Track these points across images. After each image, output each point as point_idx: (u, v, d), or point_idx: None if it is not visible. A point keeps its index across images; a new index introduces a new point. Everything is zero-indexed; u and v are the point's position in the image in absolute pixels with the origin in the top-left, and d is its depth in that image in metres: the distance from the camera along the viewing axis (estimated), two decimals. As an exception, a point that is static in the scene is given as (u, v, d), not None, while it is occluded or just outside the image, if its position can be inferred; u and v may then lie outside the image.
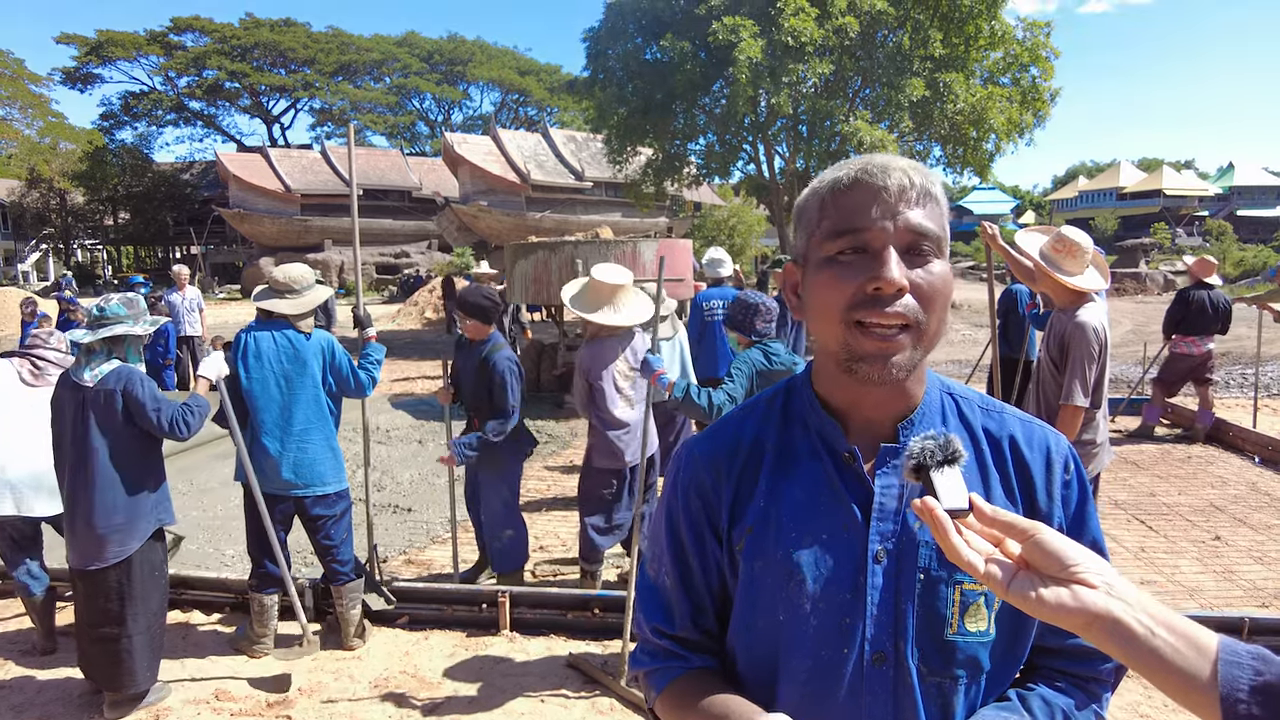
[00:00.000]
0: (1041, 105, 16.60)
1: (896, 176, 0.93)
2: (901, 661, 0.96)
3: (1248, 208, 54.99)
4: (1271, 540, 5.07)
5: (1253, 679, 0.64)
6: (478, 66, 53.32)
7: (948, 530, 0.76)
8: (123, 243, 47.98)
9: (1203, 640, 0.68)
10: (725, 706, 0.99)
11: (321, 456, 3.86)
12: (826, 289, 0.95)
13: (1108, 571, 0.73)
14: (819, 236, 0.97)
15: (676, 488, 1.11)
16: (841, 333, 0.94)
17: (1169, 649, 0.68)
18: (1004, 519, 0.77)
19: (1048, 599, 0.72)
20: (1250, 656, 0.65)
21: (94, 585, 3.36)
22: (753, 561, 1.02)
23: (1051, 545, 0.74)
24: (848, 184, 0.95)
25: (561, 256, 8.91)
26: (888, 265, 0.90)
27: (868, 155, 0.98)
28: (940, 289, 0.94)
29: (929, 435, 0.83)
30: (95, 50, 45.51)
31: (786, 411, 1.09)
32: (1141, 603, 0.71)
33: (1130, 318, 19.67)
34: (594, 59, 17.63)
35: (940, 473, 0.80)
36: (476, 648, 3.92)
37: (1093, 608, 0.70)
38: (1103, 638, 0.70)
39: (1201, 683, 0.66)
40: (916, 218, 0.92)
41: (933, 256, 0.94)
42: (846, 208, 0.94)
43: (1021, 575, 0.74)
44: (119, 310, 3.41)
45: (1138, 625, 0.69)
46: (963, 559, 0.76)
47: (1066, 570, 0.73)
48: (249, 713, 3.41)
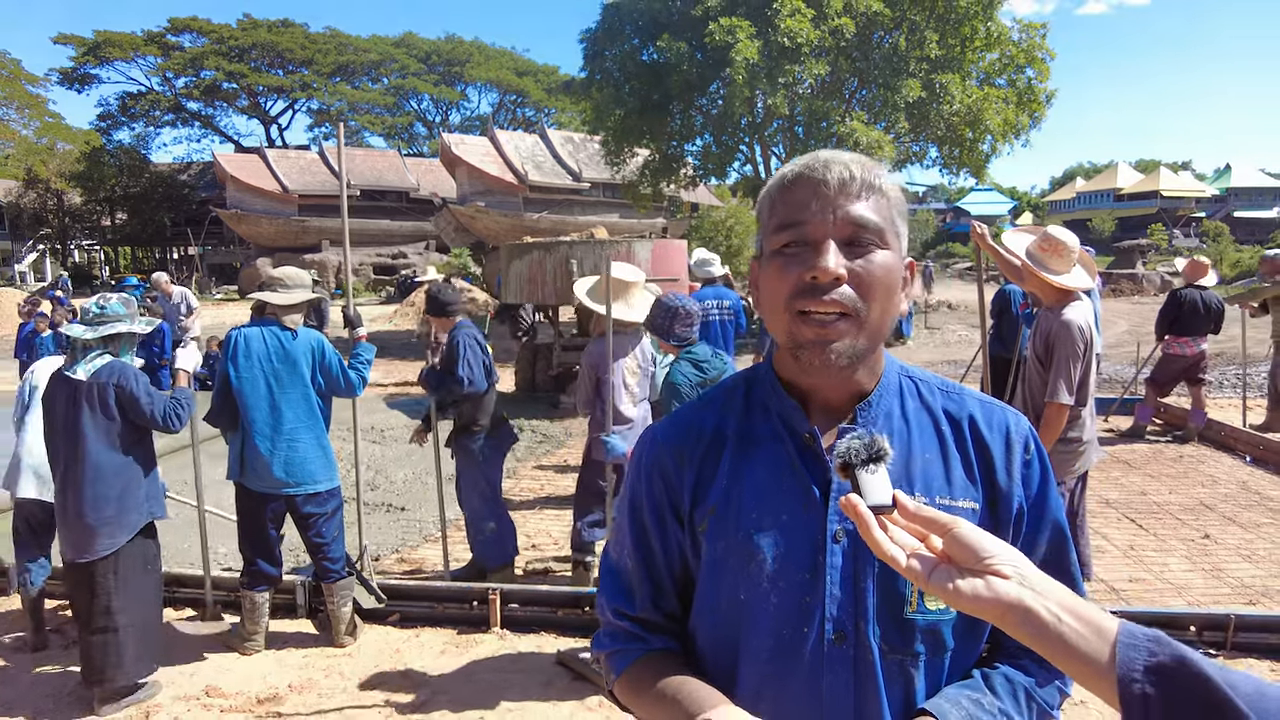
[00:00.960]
0: (1037, 106, 16.65)
1: (837, 171, 0.96)
2: (862, 640, 0.97)
3: (1244, 209, 55.11)
4: (1260, 538, 5.09)
5: (1147, 659, 0.66)
6: (475, 67, 53.33)
7: (870, 526, 0.79)
8: (120, 243, 47.96)
9: (1105, 625, 0.70)
10: (679, 689, 1.01)
11: (312, 455, 3.87)
12: (773, 280, 0.99)
13: (1021, 562, 0.76)
14: (769, 231, 1.01)
15: (640, 472, 1.13)
16: (786, 322, 0.98)
17: (1074, 634, 0.70)
18: (925, 514, 0.80)
19: (964, 590, 0.75)
20: (1146, 639, 0.68)
21: (85, 577, 3.39)
22: (715, 542, 1.04)
23: (968, 538, 0.77)
24: (792, 180, 0.99)
25: (556, 257, 8.93)
26: (824, 256, 0.94)
27: (817, 151, 1.02)
28: (880, 279, 0.96)
29: (856, 435, 0.85)
30: (92, 51, 45.47)
31: (748, 398, 1.11)
32: (1051, 591, 0.74)
33: (1126, 318, 19.71)
34: (591, 60, 17.68)
35: (865, 471, 0.83)
36: (467, 645, 3.93)
37: (1005, 597, 0.73)
38: (1014, 625, 0.73)
39: (1102, 665, 0.68)
40: (857, 210, 0.96)
41: (874, 248, 0.97)
42: (791, 203, 0.98)
43: (941, 568, 0.77)
44: (119, 309, 3.51)
45: (1046, 613, 0.72)
46: (885, 553, 0.78)
47: (982, 562, 0.76)
48: (239, 709, 3.42)
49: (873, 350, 1.01)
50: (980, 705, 0.98)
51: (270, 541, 3.91)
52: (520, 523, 5.71)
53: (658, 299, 3.74)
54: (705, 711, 0.92)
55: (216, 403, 3.85)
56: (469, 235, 29.72)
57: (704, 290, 6.82)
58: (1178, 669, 0.65)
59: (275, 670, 3.74)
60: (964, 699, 0.98)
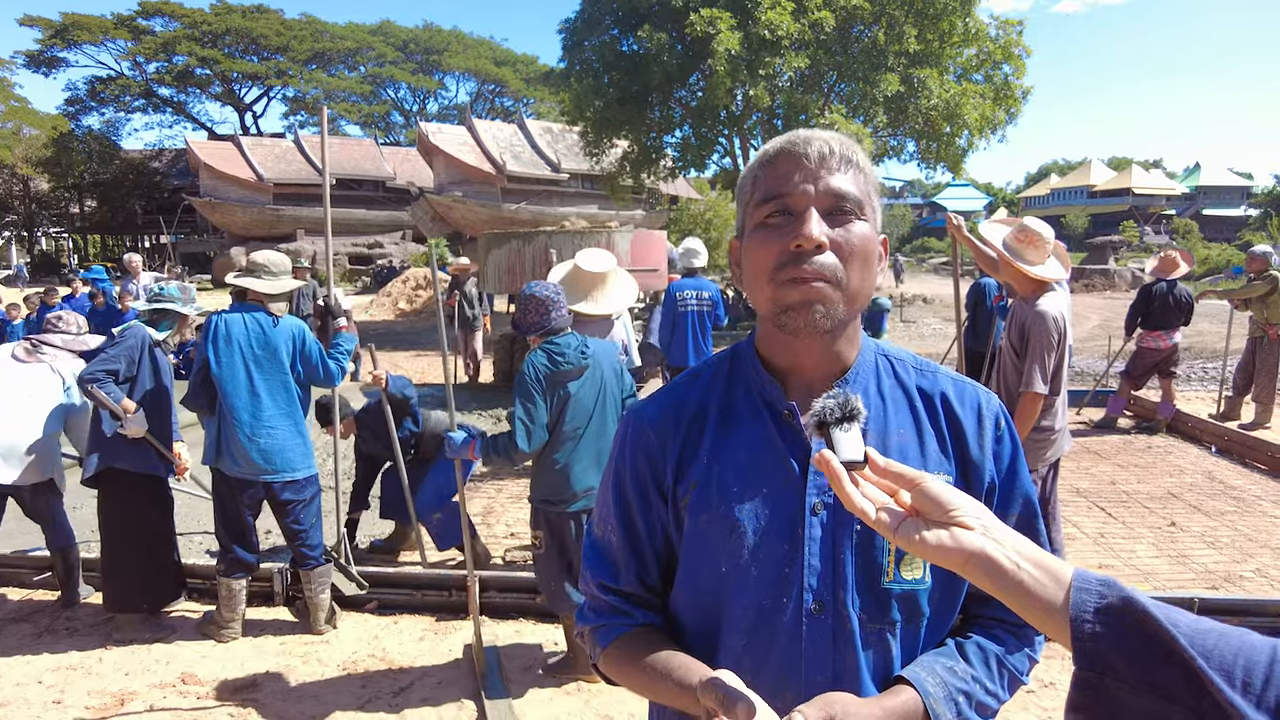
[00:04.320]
0: (1013, 102, 16.85)
1: (817, 145, 1.00)
2: (841, 609, 1.00)
3: (1213, 207, 56.11)
4: (1224, 526, 5.22)
5: (1098, 601, 0.70)
6: (453, 56, 52.88)
7: (842, 480, 0.81)
8: (89, 231, 47.09)
9: (1061, 572, 0.74)
10: (669, 662, 1.03)
11: (290, 442, 3.85)
12: (758, 250, 1.02)
13: (985, 515, 0.79)
14: (752, 205, 1.05)
15: (624, 449, 1.16)
16: (772, 290, 1.01)
17: (1032, 580, 0.74)
18: (895, 470, 0.83)
19: (929, 540, 0.78)
20: (1098, 583, 0.71)
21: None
22: (697, 516, 1.07)
23: (934, 492, 0.80)
24: (774, 154, 1.03)
25: (535, 246, 8.91)
26: (807, 224, 0.97)
27: (797, 129, 1.06)
28: (859, 246, 1.00)
29: (830, 394, 0.88)
30: (60, 33, 44.46)
31: (731, 375, 1.14)
32: (1012, 542, 0.77)
33: (1099, 313, 20.01)
34: (570, 50, 17.61)
35: (839, 428, 0.85)
36: (446, 631, 3.94)
37: (968, 546, 0.77)
38: (977, 574, 0.77)
39: (1056, 608, 0.72)
40: (837, 182, 1.00)
41: (854, 218, 1.00)
42: (774, 176, 1.02)
43: (909, 520, 0.80)
44: (174, 293, 4.18)
45: (1007, 561, 0.75)
46: (855, 506, 0.81)
47: (947, 514, 0.79)
48: (215, 697, 3.40)
49: (851, 319, 1.04)
50: (954, 672, 1.01)
51: (247, 528, 3.88)
52: (499, 512, 5.72)
53: (521, 293, 3.40)
54: (698, 680, 0.95)
55: (195, 386, 3.82)
56: (445, 225, 29.51)
57: (683, 281, 6.83)
58: (1125, 608, 0.68)
59: (252, 657, 3.72)
60: (938, 666, 1.01)
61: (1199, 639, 0.65)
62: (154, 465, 3.95)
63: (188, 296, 4.20)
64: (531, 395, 3.16)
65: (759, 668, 1.01)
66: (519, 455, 3.18)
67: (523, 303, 3.33)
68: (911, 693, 0.97)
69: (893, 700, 0.96)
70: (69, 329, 4.39)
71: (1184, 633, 0.65)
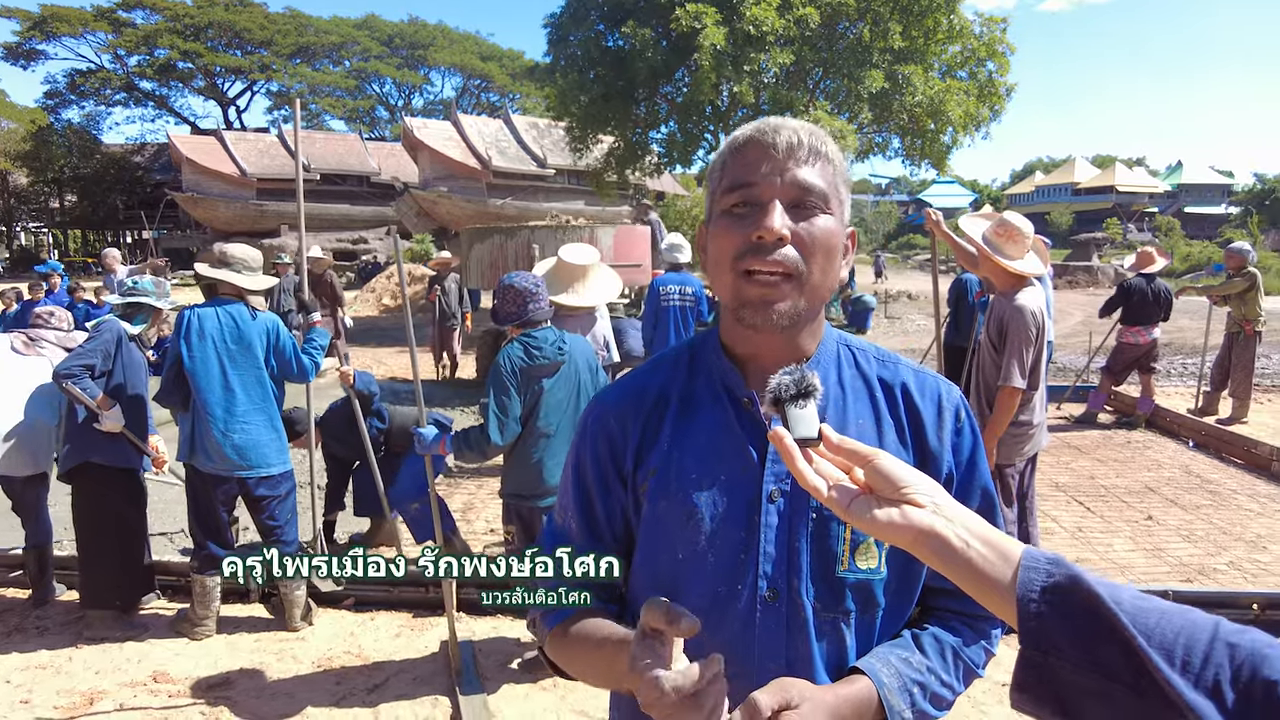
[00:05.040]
0: (997, 100, 16.89)
1: (786, 135, 0.99)
2: (795, 597, 1.00)
3: (1194, 205, 56.62)
4: (1199, 519, 5.26)
5: (1045, 580, 0.69)
6: (439, 51, 52.55)
7: (795, 457, 0.80)
8: (70, 226, 46.52)
9: (1010, 550, 0.73)
10: (612, 627, 1.02)
11: (265, 438, 3.82)
12: (721, 238, 1.01)
13: (937, 493, 0.79)
14: (719, 192, 1.04)
15: (585, 435, 1.15)
16: (732, 281, 1.00)
17: (980, 559, 0.73)
18: (849, 447, 0.82)
19: (880, 518, 0.77)
20: (1046, 561, 0.71)
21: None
22: (656, 502, 1.06)
23: (886, 469, 0.79)
24: (742, 143, 1.02)
25: (518, 241, 8.88)
26: (770, 216, 0.96)
27: (767, 117, 1.04)
28: (821, 241, 0.99)
29: (786, 370, 0.86)
30: (39, 25, 43.79)
31: (693, 363, 1.14)
32: (962, 519, 0.77)
33: (1082, 309, 20.14)
34: (555, 45, 17.53)
35: (795, 405, 0.84)
36: (423, 627, 3.91)
37: (918, 524, 0.76)
38: (926, 552, 0.76)
39: (1004, 587, 0.71)
40: (803, 174, 0.99)
41: (819, 211, 1.00)
42: (741, 165, 1.01)
43: (861, 498, 0.79)
44: (148, 286, 4.13)
45: (956, 539, 0.75)
46: (808, 483, 0.80)
47: (899, 491, 0.78)
48: (187, 695, 3.36)
49: (813, 313, 1.04)
50: (909, 663, 1.01)
51: (222, 524, 3.85)
52: (479, 508, 5.70)
53: (500, 283, 3.37)
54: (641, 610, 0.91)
55: (168, 382, 3.77)
56: (431, 221, 29.33)
57: (666, 275, 6.82)
58: (1071, 587, 0.68)
59: (226, 655, 3.68)
60: (893, 657, 1.01)
61: (1141, 618, 0.65)
62: (129, 459, 3.91)
63: (162, 290, 4.18)
64: (506, 388, 3.14)
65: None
66: (491, 449, 3.15)
67: (501, 292, 3.31)
68: (866, 682, 0.96)
69: (848, 689, 0.95)
70: (60, 325, 4.40)
71: (1126, 611, 0.65)
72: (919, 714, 0.98)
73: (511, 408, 3.14)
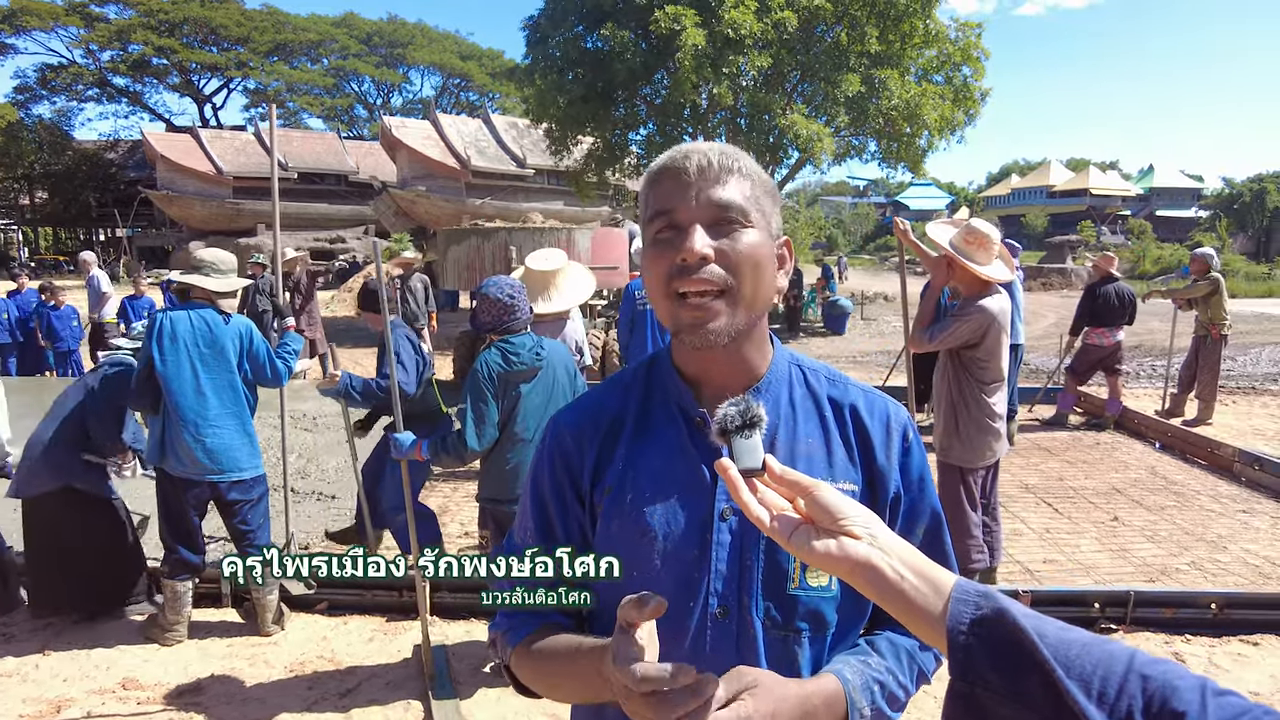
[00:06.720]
0: (972, 104, 17.10)
1: (696, 159, 1.03)
2: (745, 614, 1.02)
3: (1166, 208, 57.42)
4: (1163, 520, 5.37)
5: (973, 613, 0.72)
6: (418, 50, 52.23)
7: (740, 488, 0.82)
8: (40, 223, 45.77)
9: (942, 582, 0.76)
10: (581, 640, 1.03)
11: (237, 442, 3.80)
12: (652, 265, 1.05)
13: (873, 523, 0.81)
14: (645, 221, 1.07)
15: (543, 454, 1.17)
16: (668, 306, 1.04)
17: (913, 590, 0.76)
18: (790, 478, 0.84)
19: (818, 549, 0.79)
20: (975, 594, 0.73)
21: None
22: (610, 521, 1.09)
23: (826, 500, 0.81)
24: (657, 172, 1.06)
25: (495, 243, 8.87)
26: (690, 238, 1.00)
27: (678, 145, 1.08)
28: (746, 255, 1.02)
29: (733, 401, 0.89)
30: (8, 19, 42.87)
31: (649, 382, 1.16)
32: (897, 551, 0.79)
33: (1055, 311, 20.43)
34: (534, 46, 17.51)
35: (740, 436, 0.87)
36: (396, 632, 3.91)
37: (854, 555, 0.78)
38: (862, 583, 0.78)
39: (935, 618, 0.74)
40: (717, 193, 1.02)
41: (739, 226, 1.02)
42: (660, 193, 1.05)
43: (802, 528, 0.81)
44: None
45: (890, 571, 0.77)
46: (752, 514, 0.82)
47: (837, 523, 0.80)
48: (158, 701, 3.35)
49: (751, 326, 1.06)
50: (868, 664, 1.03)
51: (193, 528, 3.83)
52: (454, 511, 5.70)
53: (479, 289, 3.37)
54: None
55: (138, 385, 3.75)
56: (409, 220, 29.17)
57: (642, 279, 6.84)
58: (997, 621, 0.70)
59: (197, 660, 3.67)
60: (854, 660, 1.03)
61: (1063, 649, 0.67)
62: (109, 490, 4.02)
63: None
64: (483, 393, 3.15)
65: None
66: (469, 454, 3.17)
67: (480, 301, 3.32)
68: (832, 678, 0.98)
69: (816, 684, 0.96)
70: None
71: (1050, 644, 0.67)
72: (876, 712, 1.00)
73: (489, 413, 3.15)
